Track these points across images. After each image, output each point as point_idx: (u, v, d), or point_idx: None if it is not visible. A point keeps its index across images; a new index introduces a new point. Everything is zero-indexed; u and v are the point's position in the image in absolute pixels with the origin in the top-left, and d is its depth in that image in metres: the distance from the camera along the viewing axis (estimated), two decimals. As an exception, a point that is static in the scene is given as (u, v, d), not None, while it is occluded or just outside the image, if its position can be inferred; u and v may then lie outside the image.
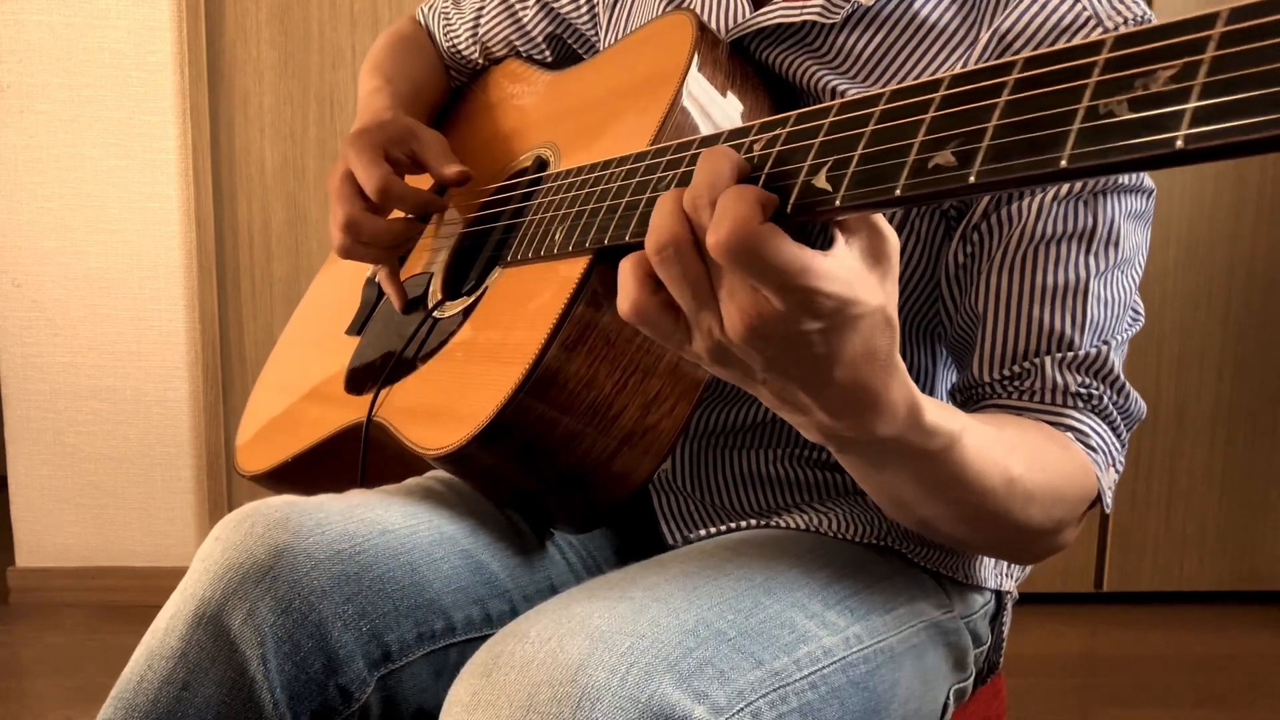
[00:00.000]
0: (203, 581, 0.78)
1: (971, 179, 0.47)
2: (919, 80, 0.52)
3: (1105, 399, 0.83)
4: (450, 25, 1.24)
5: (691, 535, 0.93)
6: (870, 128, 0.53)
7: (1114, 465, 0.84)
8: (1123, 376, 0.84)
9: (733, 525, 0.92)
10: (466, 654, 0.85)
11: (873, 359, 0.59)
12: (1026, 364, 0.83)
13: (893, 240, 0.58)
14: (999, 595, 0.98)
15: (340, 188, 1.02)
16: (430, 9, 1.27)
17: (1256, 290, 2.45)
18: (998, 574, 0.95)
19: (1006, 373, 0.84)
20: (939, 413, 0.66)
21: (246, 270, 2.47)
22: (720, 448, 0.94)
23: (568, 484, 0.83)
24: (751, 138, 0.62)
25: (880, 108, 0.53)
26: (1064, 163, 0.43)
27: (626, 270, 0.60)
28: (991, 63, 0.49)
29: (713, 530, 0.92)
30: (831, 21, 0.87)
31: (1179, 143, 0.39)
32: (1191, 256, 2.43)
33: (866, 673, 0.79)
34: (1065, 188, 0.80)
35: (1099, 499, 0.83)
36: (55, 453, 2.50)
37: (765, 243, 0.53)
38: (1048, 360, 0.82)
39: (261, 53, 2.40)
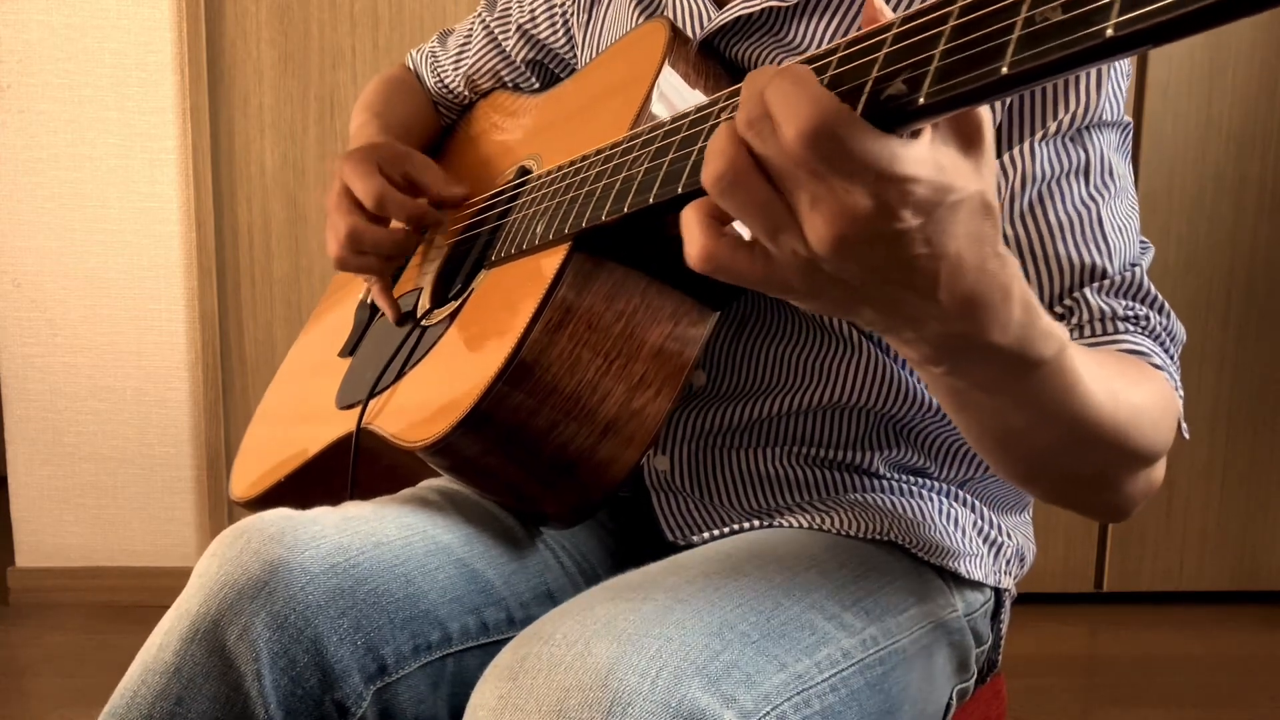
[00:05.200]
0: (198, 597, 0.79)
1: (922, 100, 0.48)
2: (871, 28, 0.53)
3: (1153, 319, 0.82)
4: (437, 62, 1.27)
5: (694, 537, 0.93)
6: (829, 74, 0.53)
7: (1177, 388, 0.81)
8: (1161, 296, 0.83)
9: (735, 527, 0.92)
10: (463, 664, 0.85)
11: (980, 245, 0.54)
12: (1068, 301, 0.81)
13: (985, 119, 0.53)
14: (998, 593, 0.98)
15: (339, 202, 1.04)
16: (419, 52, 1.31)
17: (1257, 291, 2.45)
18: (996, 571, 0.95)
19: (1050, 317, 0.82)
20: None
21: (246, 270, 2.47)
22: (719, 447, 0.94)
23: (554, 472, 0.84)
24: (721, 104, 0.63)
25: (838, 55, 0.54)
26: (1005, 70, 0.45)
27: (689, 219, 0.56)
28: None
29: (715, 532, 0.92)
30: (790, 4, 0.88)
31: (1109, 31, 0.42)
32: (1191, 257, 2.43)
33: (882, 674, 0.79)
34: (1053, 128, 0.80)
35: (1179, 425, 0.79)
36: (55, 453, 2.50)
37: (850, 127, 0.48)
38: (1088, 291, 0.80)
39: (261, 53, 2.40)
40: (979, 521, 0.95)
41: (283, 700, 0.77)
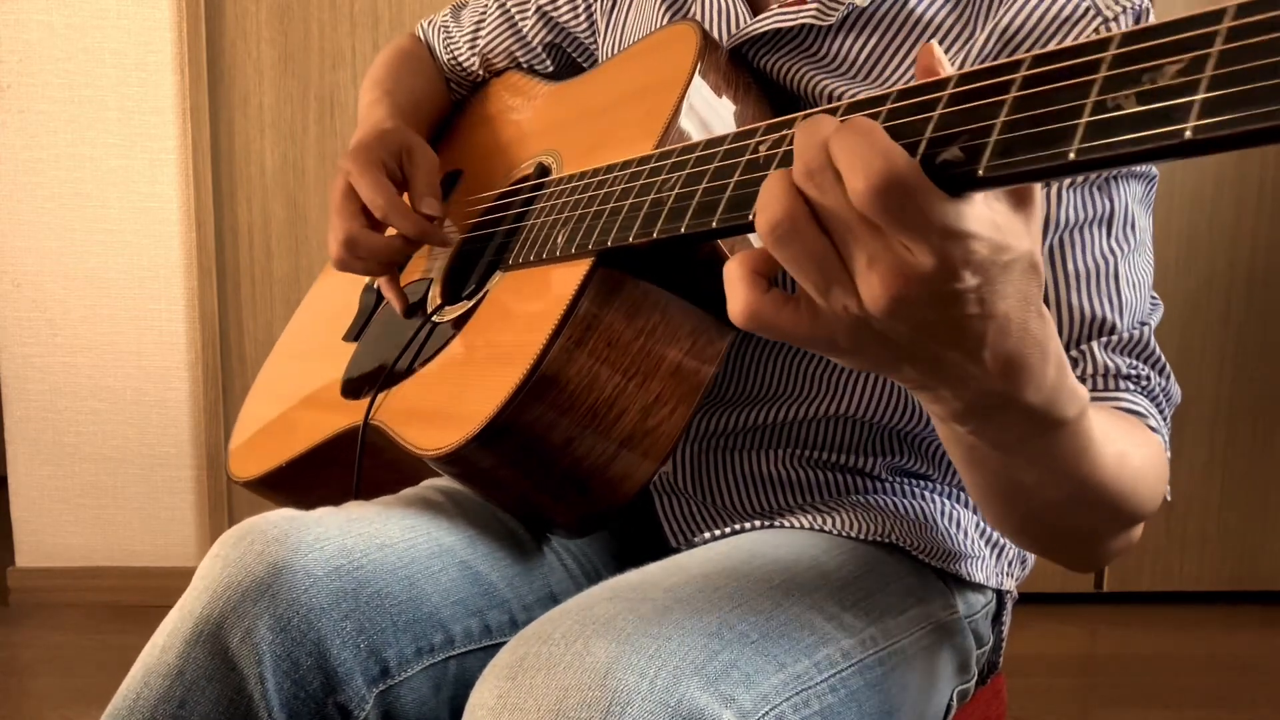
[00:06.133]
0: (201, 599, 0.78)
1: (980, 172, 0.47)
2: (922, 81, 0.52)
3: (1152, 380, 0.82)
4: (450, 37, 1.25)
5: (695, 539, 0.93)
6: (879, 125, 0.52)
7: (1167, 449, 0.82)
8: (1164, 359, 0.83)
9: (737, 527, 0.92)
10: (465, 666, 0.85)
11: (1026, 306, 0.53)
12: (1075, 353, 0.81)
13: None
14: (999, 595, 0.98)
15: (342, 204, 1.02)
16: (430, 24, 1.28)
17: (1256, 290, 2.45)
18: (999, 573, 0.95)
19: None
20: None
21: (246, 270, 2.47)
22: (722, 449, 0.94)
23: (566, 486, 0.83)
24: (758, 139, 0.62)
25: (888, 107, 0.53)
26: (1072, 155, 0.44)
27: (733, 274, 0.55)
28: (999, 61, 0.49)
29: (717, 533, 0.92)
30: (827, 24, 0.87)
31: (1187, 133, 0.40)
32: (1191, 256, 2.42)
33: (882, 675, 0.79)
34: (1079, 176, 0.80)
35: None
36: (55, 453, 2.50)
37: (918, 185, 0.47)
38: (1095, 345, 0.81)
39: (261, 53, 2.40)
40: (981, 523, 0.95)
41: (285, 703, 0.77)
